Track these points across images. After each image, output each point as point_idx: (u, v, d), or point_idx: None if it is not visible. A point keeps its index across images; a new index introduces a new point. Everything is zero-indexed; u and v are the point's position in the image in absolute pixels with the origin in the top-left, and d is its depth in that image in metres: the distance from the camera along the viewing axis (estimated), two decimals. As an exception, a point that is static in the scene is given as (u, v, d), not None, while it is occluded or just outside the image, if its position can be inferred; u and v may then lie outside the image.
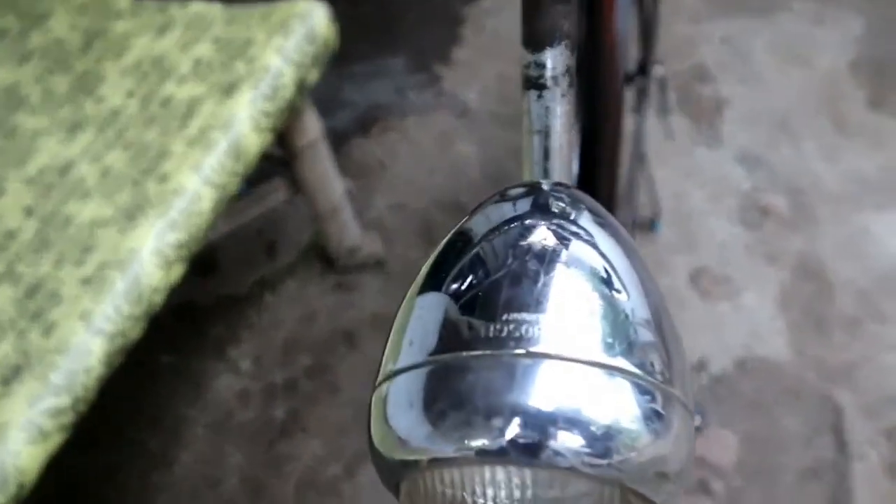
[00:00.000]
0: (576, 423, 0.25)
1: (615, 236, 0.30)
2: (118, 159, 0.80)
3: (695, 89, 1.29)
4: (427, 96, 1.35)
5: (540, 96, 0.30)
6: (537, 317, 0.27)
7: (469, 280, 0.28)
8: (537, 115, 0.30)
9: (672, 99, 1.25)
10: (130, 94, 0.84)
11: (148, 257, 0.72)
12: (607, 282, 0.28)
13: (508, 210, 0.30)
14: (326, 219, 1.07)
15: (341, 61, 1.03)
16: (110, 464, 1.02)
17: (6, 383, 0.66)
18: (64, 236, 0.75)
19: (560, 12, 0.29)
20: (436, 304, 0.29)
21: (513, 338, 0.26)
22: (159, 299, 0.74)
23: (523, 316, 0.27)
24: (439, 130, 1.31)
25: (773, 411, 0.98)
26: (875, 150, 1.18)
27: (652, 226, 1.12)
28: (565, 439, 0.25)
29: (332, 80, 1.31)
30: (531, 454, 0.25)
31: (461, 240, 0.30)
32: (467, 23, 1.44)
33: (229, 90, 0.82)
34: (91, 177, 0.79)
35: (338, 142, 1.17)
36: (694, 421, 0.28)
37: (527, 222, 0.29)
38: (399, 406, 0.28)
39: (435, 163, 1.26)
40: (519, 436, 0.25)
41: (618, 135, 0.64)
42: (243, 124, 0.81)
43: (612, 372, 0.26)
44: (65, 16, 0.93)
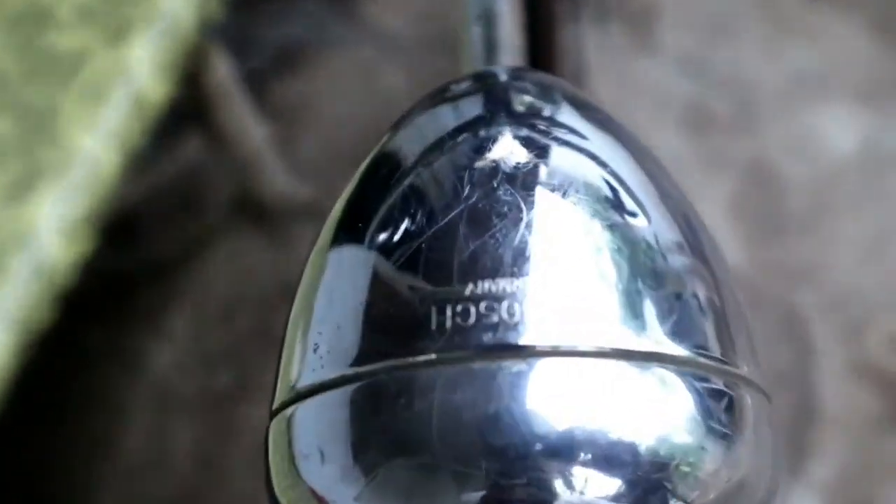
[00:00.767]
0: (606, 458, 0.16)
1: (615, 133, 0.20)
2: (2, 124, 0.71)
3: (628, -5, 1.23)
4: (347, 28, 1.27)
5: None
6: (522, 283, 0.17)
7: (404, 230, 0.18)
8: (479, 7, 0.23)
9: (608, 5, 1.19)
10: (5, 48, 0.75)
11: (48, 233, 0.65)
12: (615, 203, 0.18)
13: (450, 116, 0.20)
14: (249, 168, 1.01)
15: (248, -5, 0.95)
16: (48, 455, 0.96)
17: None
18: (-52, 217, 0.66)
19: None
20: (356, 271, 0.19)
21: (485, 325, 0.16)
22: (68, 277, 0.67)
23: (498, 285, 0.17)
24: (364, 63, 1.23)
25: (735, 322, 0.96)
26: (815, 44, 1.15)
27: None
28: (593, 490, 0.16)
29: (243, 18, 1.22)
30: None
31: (385, 167, 0.20)
32: (382, -57, 1.35)
33: (119, 34, 0.74)
34: (-28, 147, 0.70)
35: (254, 84, 1.08)
36: (773, 411, 0.19)
37: (481, 132, 0.19)
38: (307, 457, 0.18)
39: (362, 97, 1.19)
40: (514, 495, 0.16)
41: (554, 54, 0.59)
42: (141, 72, 0.73)
43: (648, 363, 0.17)
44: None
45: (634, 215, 0.18)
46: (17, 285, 0.63)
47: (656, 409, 0.16)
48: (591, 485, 0.16)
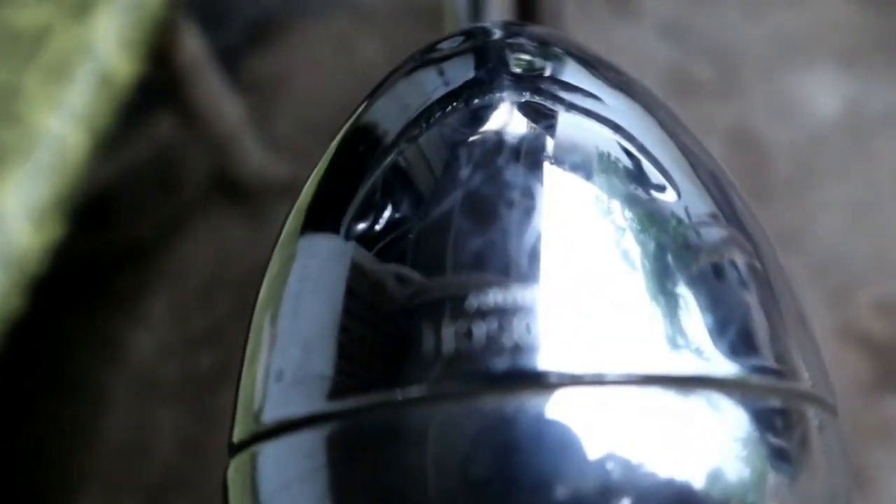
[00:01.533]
0: None
1: (630, 92, 0.16)
2: (-38, 106, 0.68)
3: (607, -41, 1.20)
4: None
5: None
6: (530, 293, 0.13)
7: (387, 221, 0.14)
8: None
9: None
10: (-37, 26, 0.71)
11: (14, 218, 0.62)
12: (637, 175, 0.14)
13: (436, 83, 0.16)
14: (224, 145, 0.97)
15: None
16: (26, 445, 0.94)
17: None
18: None
19: None
20: (328, 275, 0.14)
21: (493, 348, 0.12)
22: (38, 264, 0.64)
23: (511, 295, 0.13)
24: (339, 35, 1.20)
25: (722, 290, 0.95)
26: (797, 8, 1.13)
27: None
28: None
29: (212, -9, 1.18)
30: None
31: (362, 143, 0.16)
32: (354, -90, 1.31)
33: (82, 8, 0.70)
34: (-69, 130, 0.67)
35: (227, 59, 1.05)
36: (840, 427, 0.15)
37: (476, 99, 0.15)
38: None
39: (338, 71, 1.16)
40: None
41: (534, 13, 0.56)
42: (107, 47, 0.70)
43: (691, 388, 0.13)
44: None
45: (663, 191, 0.14)
46: (-15, 274, 0.60)
47: (705, 442, 0.13)
48: None
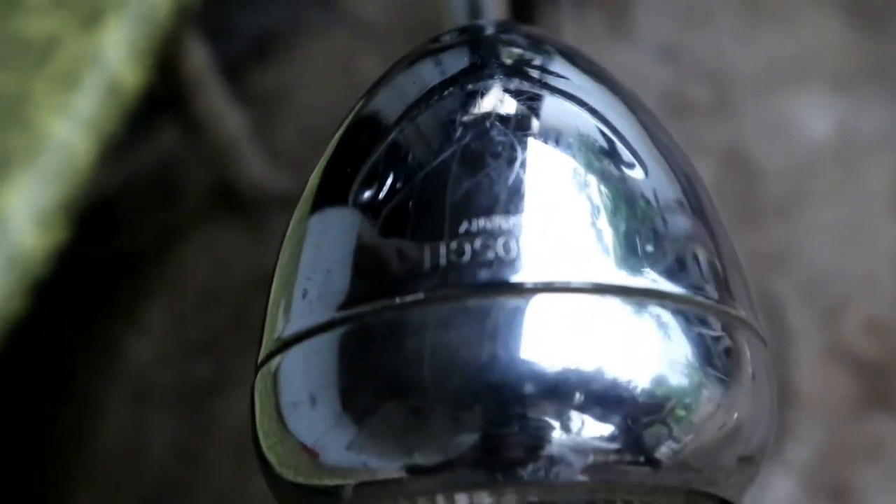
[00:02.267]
0: (602, 397, 0.15)
1: (611, 87, 0.19)
2: (-29, 111, 0.69)
3: (605, -18, 1.23)
4: (324, 15, 1.25)
5: None
6: (517, 220, 0.16)
7: (392, 179, 0.17)
8: None
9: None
10: (-25, 33, 0.73)
11: (20, 221, 0.63)
12: (611, 153, 0.17)
13: (432, 73, 0.19)
14: (226, 156, 0.99)
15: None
16: (20, 449, 0.94)
17: None
18: (-83, 206, 0.64)
19: None
20: (341, 222, 0.18)
21: (480, 262, 0.16)
22: (41, 267, 0.65)
23: (495, 222, 0.16)
24: (340, 50, 1.22)
25: (713, 307, 0.96)
26: (790, 30, 1.16)
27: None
28: (588, 428, 0.15)
29: (218, 5, 1.20)
30: (532, 464, 0.15)
31: (359, 137, 0.19)
32: (357, -71, 1.33)
33: (93, 18, 0.72)
34: (-59, 134, 0.68)
35: (231, 72, 1.07)
36: (770, 356, 0.18)
37: (469, 86, 0.18)
38: (296, 405, 0.17)
39: (339, 85, 1.18)
40: (510, 433, 0.15)
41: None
42: (115, 57, 0.71)
43: (644, 300, 0.16)
44: None
45: (629, 161, 0.18)
46: (-10, 275, 0.61)
47: (653, 349, 0.16)
48: (585, 427, 0.15)
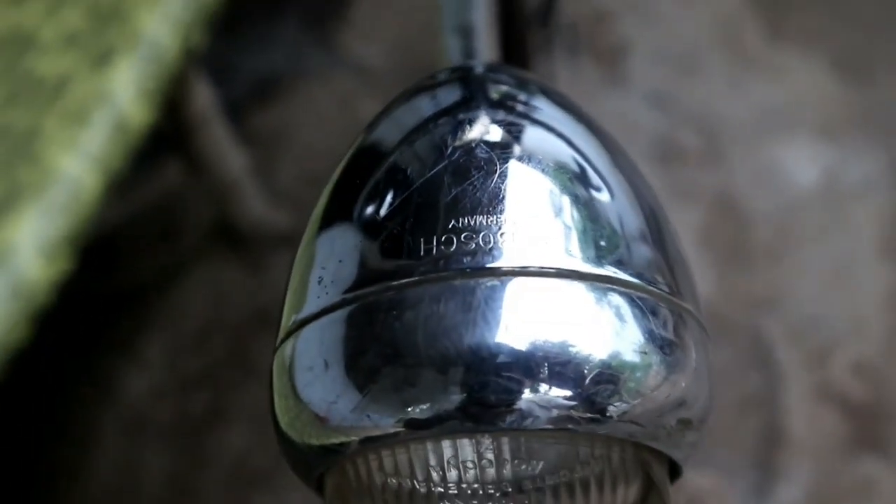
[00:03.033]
0: (565, 362, 0.18)
1: (586, 123, 0.23)
2: (-18, 145, 0.71)
3: (598, 31, 1.26)
4: (325, 58, 1.29)
5: None
6: (496, 219, 0.19)
7: (391, 195, 0.20)
8: (454, 9, 0.24)
9: (579, 41, 1.22)
10: (-11, 71, 0.75)
11: (26, 251, 0.65)
12: (583, 179, 0.21)
13: (428, 106, 0.22)
14: (228, 194, 1.01)
15: (230, 26, 0.96)
16: (15, 480, 0.94)
17: None
18: (-74, 236, 0.66)
19: None
20: (351, 223, 0.21)
21: (465, 252, 0.19)
22: (44, 297, 0.66)
23: (477, 220, 0.19)
24: (341, 93, 1.25)
25: (704, 348, 0.98)
26: (778, 80, 1.19)
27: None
28: (553, 386, 0.18)
29: (222, 48, 1.23)
30: (507, 414, 0.18)
31: (366, 156, 0.22)
32: (360, -22, 1.38)
33: (104, 58, 0.74)
34: (-48, 167, 0.70)
35: (234, 112, 1.09)
36: (711, 345, 0.22)
37: (460, 115, 0.21)
38: (310, 369, 0.20)
39: (339, 127, 1.20)
40: (488, 389, 0.18)
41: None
42: (124, 96, 0.73)
43: (604, 287, 0.19)
44: None
45: (595, 181, 0.21)
46: (-4, 304, 0.63)
47: (611, 328, 0.19)
48: (551, 387, 0.18)
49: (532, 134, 0.21)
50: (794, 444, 0.90)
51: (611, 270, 0.19)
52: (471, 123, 0.21)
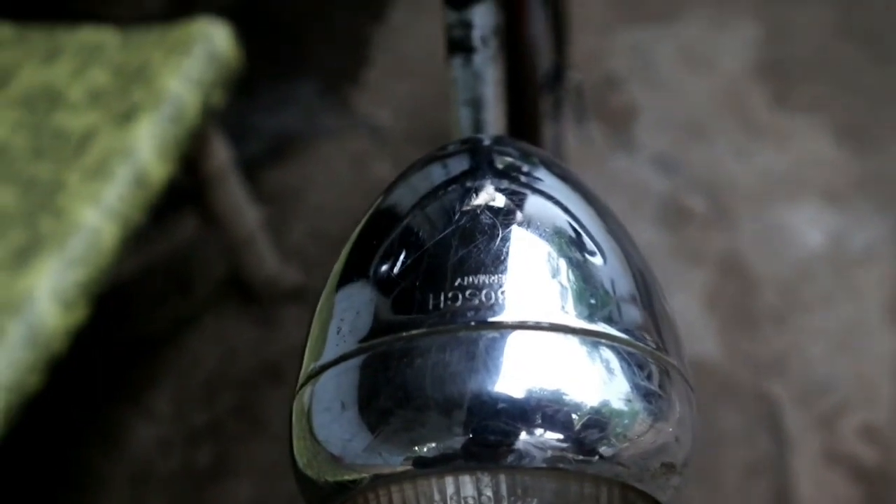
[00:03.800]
0: (559, 409, 0.20)
1: (581, 192, 0.25)
2: (5, 196, 0.73)
3: (607, 97, 1.29)
4: (338, 119, 1.32)
5: (467, 61, 0.26)
6: (498, 278, 0.21)
7: (404, 255, 0.23)
8: (465, 84, 0.26)
9: (588, 105, 1.25)
10: (17, 126, 0.78)
11: (44, 300, 0.66)
12: (578, 243, 0.23)
13: (439, 174, 0.25)
14: (241, 250, 1.02)
15: (248, 88, 0.99)
16: (19, 532, 0.94)
17: None
18: (-52, 283, 0.68)
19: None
20: (365, 286, 0.23)
21: (469, 307, 0.21)
22: (60, 345, 0.67)
23: (480, 279, 0.21)
24: (353, 153, 1.28)
25: (712, 411, 0.97)
26: (783, 146, 1.21)
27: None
28: (547, 430, 0.20)
29: (240, 108, 1.27)
30: (506, 454, 0.20)
31: (383, 219, 0.24)
32: (375, 43, 1.42)
33: (127, 116, 0.77)
34: (-23, 217, 0.72)
35: (249, 170, 1.12)
36: (695, 398, 0.23)
37: (467, 184, 0.24)
38: (327, 412, 0.22)
39: (351, 186, 1.23)
40: (488, 431, 0.20)
41: (537, 143, 0.62)
42: (145, 152, 0.76)
43: (595, 341, 0.21)
44: (-60, 49, 0.87)
45: (589, 247, 0.23)
46: (11, 349, 0.64)
47: (601, 379, 0.21)
48: (545, 431, 0.20)
49: (532, 202, 0.23)
50: (803, 509, 0.89)
51: (602, 326, 0.21)
52: (477, 191, 0.23)
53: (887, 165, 1.16)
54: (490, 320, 0.21)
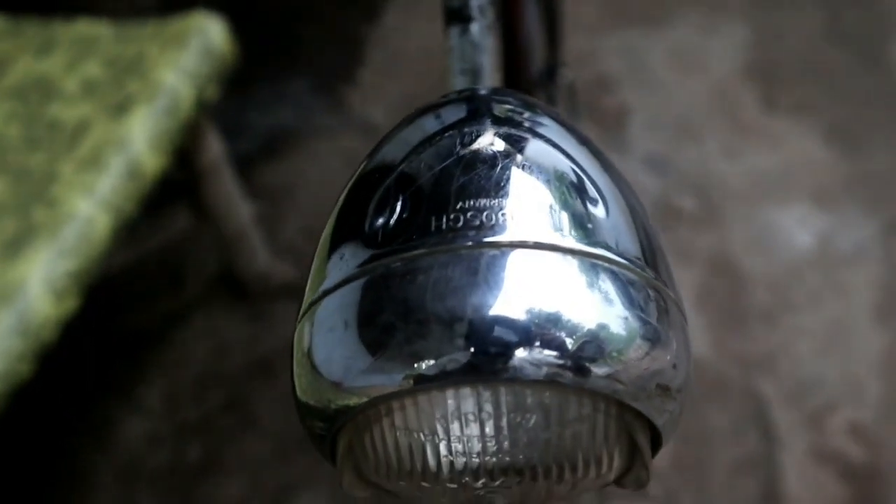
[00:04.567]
0: (560, 324, 0.20)
1: (583, 140, 0.25)
2: (-1, 187, 0.73)
3: (599, 98, 1.30)
4: (332, 117, 1.32)
5: (465, 31, 0.26)
6: (499, 202, 0.22)
7: (405, 186, 0.23)
8: (462, 55, 0.26)
9: (580, 104, 1.26)
10: (11, 116, 0.78)
11: (36, 288, 0.66)
12: (579, 179, 0.23)
13: (433, 124, 0.25)
14: (233, 245, 1.02)
15: (243, 85, 0.99)
16: (7, 526, 0.93)
17: None
18: (-61, 272, 0.68)
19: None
20: (366, 216, 0.23)
21: (471, 227, 0.21)
22: (51, 334, 0.67)
23: (482, 202, 0.22)
24: (346, 151, 1.28)
25: (702, 409, 0.98)
26: (772, 147, 1.22)
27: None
28: (548, 344, 0.20)
29: (235, 105, 1.27)
30: (506, 366, 0.20)
31: (376, 172, 0.24)
32: (370, 42, 1.42)
33: (121, 108, 0.77)
34: (-31, 207, 0.72)
35: (243, 167, 1.12)
36: (688, 327, 0.24)
37: (465, 129, 0.24)
38: (326, 337, 0.22)
39: (344, 183, 1.23)
40: (490, 342, 0.20)
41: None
42: (139, 143, 0.76)
43: (596, 263, 0.22)
44: (-67, 40, 0.86)
45: (590, 178, 0.24)
46: (1, 337, 0.64)
47: (601, 302, 0.21)
48: (542, 342, 0.20)
49: (534, 142, 0.24)
50: (792, 506, 0.90)
51: (601, 251, 0.22)
52: (477, 133, 0.23)
53: (875, 167, 1.17)
54: (491, 240, 0.21)
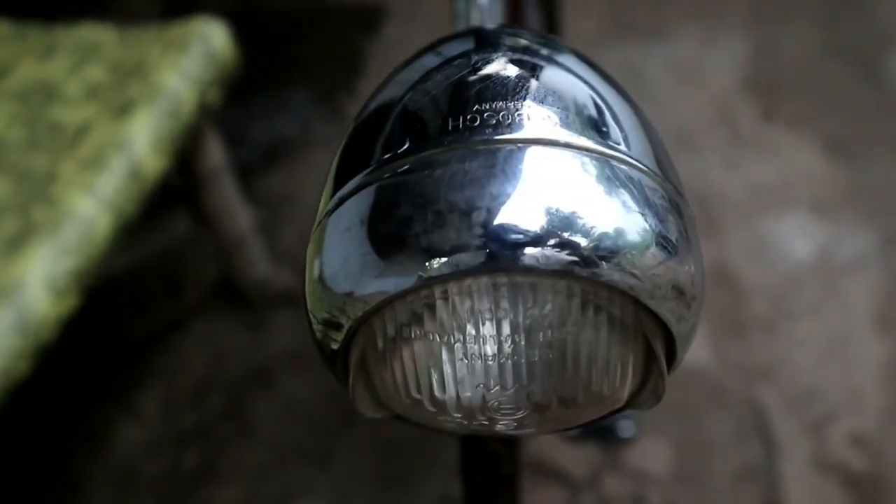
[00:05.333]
0: (578, 216, 0.20)
1: (594, 66, 0.25)
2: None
3: (598, 110, 1.31)
4: (333, 128, 1.33)
5: None
6: (516, 104, 0.22)
7: (423, 94, 0.23)
8: (467, 18, 0.26)
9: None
10: (13, 118, 0.78)
11: (35, 286, 0.66)
12: (596, 92, 0.23)
13: (436, 58, 0.25)
14: (233, 252, 1.02)
15: (244, 96, 1.00)
16: (1, 533, 0.92)
17: None
18: (-62, 270, 0.67)
19: None
20: (385, 123, 0.23)
21: (488, 125, 0.21)
22: (50, 333, 0.67)
23: (498, 104, 0.22)
24: (347, 161, 1.28)
25: (702, 417, 0.97)
26: (771, 159, 1.23)
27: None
28: (566, 236, 0.20)
29: (236, 115, 1.27)
30: (523, 256, 0.20)
31: (381, 109, 0.24)
32: (370, 54, 1.43)
33: (123, 110, 0.77)
34: (-31, 207, 0.72)
35: (243, 176, 1.12)
36: (701, 238, 0.23)
37: (475, 57, 0.24)
38: (348, 230, 0.22)
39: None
40: (507, 230, 0.20)
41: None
42: (140, 145, 0.76)
43: (609, 161, 0.21)
44: (-63, 44, 0.87)
45: (607, 94, 0.24)
46: (0, 335, 0.63)
47: (619, 206, 0.21)
48: (561, 234, 0.20)
49: (549, 66, 0.24)
50: (793, 515, 0.89)
51: (624, 153, 0.22)
52: (490, 66, 0.23)
53: (873, 177, 1.18)
54: (508, 137, 0.21)
